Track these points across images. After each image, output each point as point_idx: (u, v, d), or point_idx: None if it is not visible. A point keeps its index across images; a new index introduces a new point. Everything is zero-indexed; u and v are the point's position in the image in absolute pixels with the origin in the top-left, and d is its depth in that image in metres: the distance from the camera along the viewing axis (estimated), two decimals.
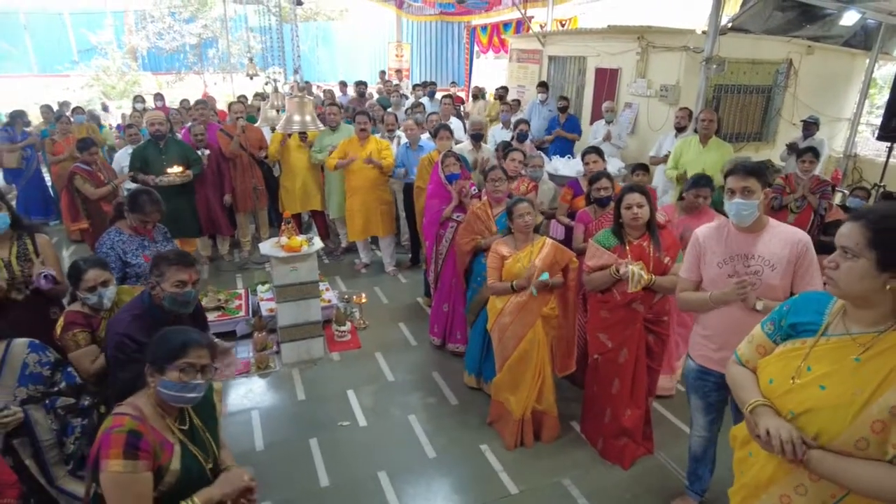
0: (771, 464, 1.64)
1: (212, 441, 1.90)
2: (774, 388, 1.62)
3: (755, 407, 1.62)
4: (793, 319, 1.68)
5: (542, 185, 4.85)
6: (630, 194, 3.03)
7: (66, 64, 17.42)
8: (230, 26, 16.45)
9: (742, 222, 2.40)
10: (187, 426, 1.84)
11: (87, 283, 2.54)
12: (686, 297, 2.63)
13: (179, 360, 1.73)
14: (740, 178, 2.35)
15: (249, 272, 6.09)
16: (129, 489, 1.61)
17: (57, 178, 7.01)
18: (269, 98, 5.09)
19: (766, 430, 1.53)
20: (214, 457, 1.91)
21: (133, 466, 1.61)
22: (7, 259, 2.85)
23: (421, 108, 7.46)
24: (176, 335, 1.81)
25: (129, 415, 1.69)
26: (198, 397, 1.79)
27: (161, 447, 1.71)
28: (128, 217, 3.32)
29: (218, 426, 1.97)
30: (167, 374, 1.72)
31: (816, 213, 4.64)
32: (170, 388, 1.73)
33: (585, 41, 8.70)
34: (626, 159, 7.03)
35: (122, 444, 1.60)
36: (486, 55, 15.17)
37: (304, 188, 6.04)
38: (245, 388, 4.10)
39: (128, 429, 1.64)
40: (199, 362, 1.77)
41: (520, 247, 3.35)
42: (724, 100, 7.19)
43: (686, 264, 2.65)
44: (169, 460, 1.72)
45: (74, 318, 2.55)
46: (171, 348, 1.76)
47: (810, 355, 1.57)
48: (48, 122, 8.05)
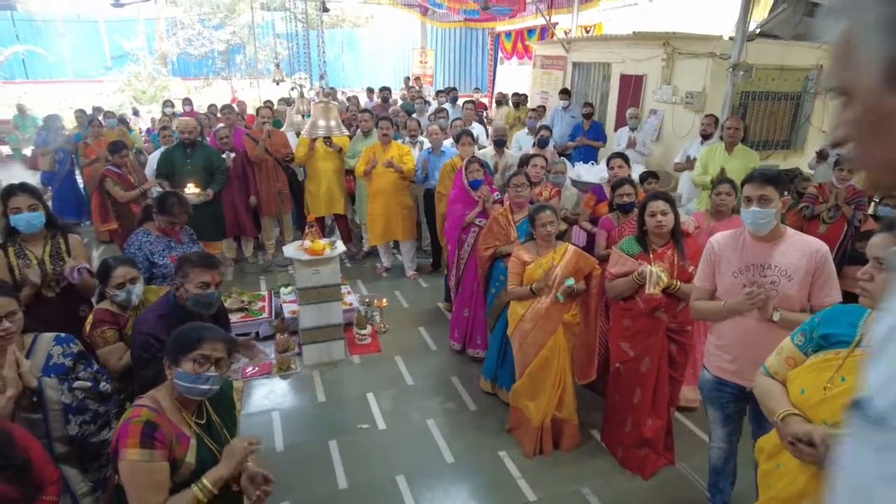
0: (803, 476, 1.60)
1: (228, 437, 1.94)
2: (806, 399, 1.59)
3: (785, 416, 1.59)
4: (825, 330, 1.66)
5: (565, 191, 4.84)
6: (654, 202, 3.00)
7: (100, 70, 17.94)
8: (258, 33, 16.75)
9: (758, 231, 2.36)
10: (204, 420, 1.88)
11: (115, 280, 2.61)
12: (700, 305, 2.60)
13: (194, 352, 1.78)
14: (757, 186, 2.32)
15: (273, 274, 6.17)
16: (145, 477, 1.67)
17: (88, 179, 7.20)
18: (295, 103, 5.17)
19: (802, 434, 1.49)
20: None
21: (150, 455, 1.66)
22: (41, 257, 2.94)
23: (444, 114, 7.50)
24: (192, 329, 1.86)
25: (146, 406, 1.75)
26: (212, 390, 1.83)
27: (177, 439, 1.76)
28: (156, 218, 3.40)
29: (236, 423, 2.01)
30: (182, 365, 1.77)
31: (850, 225, 4.51)
32: (184, 380, 1.78)
33: (610, 47, 8.65)
34: (650, 166, 6.96)
35: (138, 434, 1.66)
36: (510, 61, 15.19)
37: (328, 192, 6.11)
38: (266, 389, 4.15)
39: (144, 419, 1.69)
40: (214, 355, 1.81)
41: (542, 253, 3.34)
42: (751, 107, 7.08)
43: (701, 273, 2.61)
44: (184, 453, 1.77)
45: (103, 316, 2.63)
46: (187, 340, 1.81)
47: (844, 366, 1.55)
48: (82, 125, 8.28)
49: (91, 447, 2.15)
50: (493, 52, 15.51)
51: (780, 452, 1.64)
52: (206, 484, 1.76)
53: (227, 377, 1.97)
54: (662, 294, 2.96)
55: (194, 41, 18.15)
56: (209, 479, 1.78)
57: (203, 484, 1.76)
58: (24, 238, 2.95)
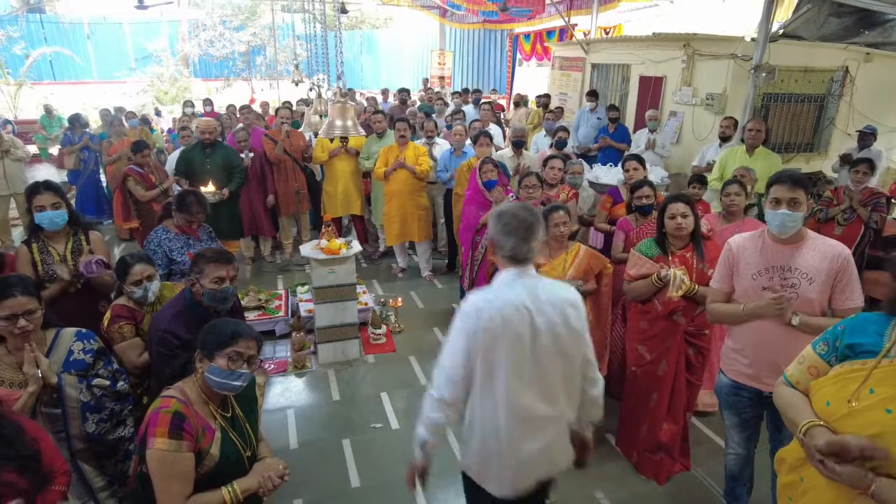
0: (830, 491, 1.53)
1: (251, 431, 1.97)
2: (833, 411, 1.53)
3: (810, 428, 1.53)
4: (850, 340, 1.60)
5: (582, 193, 4.81)
6: (674, 204, 2.96)
7: (124, 71, 18.30)
8: (278, 34, 16.93)
9: (784, 233, 2.31)
10: (230, 414, 1.92)
11: (133, 277, 2.65)
12: (717, 308, 2.55)
13: (228, 349, 1.81)
14: (788, 188, 2.26)
15: (290, 273, 6.22)
16: (172, 466, 1.71)
17: (111, 178, 7.33)
18: (313, 104, 5.20)
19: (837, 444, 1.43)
20: (253, 447, 1.97)
21: (177, 446, 1.70)
22: (63, 254, 3.01)
23: (461, 116, 7.50)
24: (228, 325, 1.90)
25: (175, 397, 1.78)
26: (241, 386, 1.86)
27: (203, 431, 1.79)
28: (175, 216, 3.45)
29: (258, 418, 2.05)
30: (216, 360, 1.81)
31: (867, 227, 4.44)
32: (217, 375, 1.81)
33: (630, 49, 8.58)
34: (670, 168, 6.90)
35: (167, 424, 1.70)
36: (529, 63, 15.15)
37: (345, 193, 6.15)
38: (282, 387, 4.18)
39: (174, 410, 1.73)
40: (247, 353, 1.85)
41: (553, 254, 3.31)
42: (773, 109, 6.97)
43: (718, 275, 2.57)
44: (209, 445, 1.80)
45: (120, 312, 2.67)
46: (222, 336, 1.84)
47: (871, 377, 1.48)
48: (106, 125, 8.44)
49: (107, 444, 2.19)
50: (512, 53, 15.49)
51: (804, 465, 1.58)
52: (237, 489, 1.81)
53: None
54: (681, 297, 2.93)
55: (216, 42, 18.42)
56: (240, 487, 1.82)
57: (234, 488, 1.81)
58: (48, 235, 3.01)
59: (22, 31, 17.01)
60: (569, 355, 1.94)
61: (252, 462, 1.95)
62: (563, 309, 1.92)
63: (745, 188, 3.65)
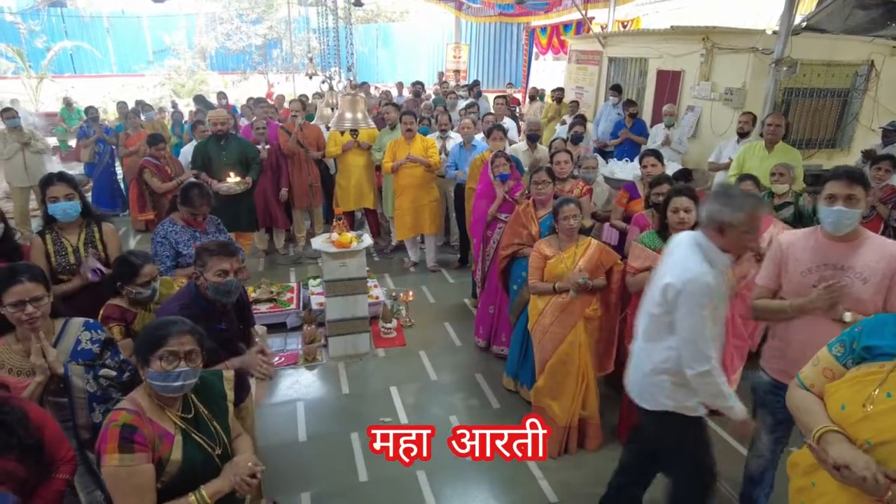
0: (843, 497, 1.49)
1: (219, 429, 1.89)
2: (848, 415, 1.49)
3: (824, 433, 1.49)
4: (867, 342, 1.55)
5: (596, 188, 4.74)
6: (678, 198, 2.93)
7: (142, 64, 18.47)
8: (294, 27, 16.96)
9: (839, 231, 2.24)
10: (191, 415, 1.84)
11: (143, 278, 2.59)
12: (761, 304, 2.48)
13: (160, 350, 1.72)
14: (846, 184, 2.19)
15: (302, 266, 6.24)
16: (127, 481, 1.64)
17: (128, 170, 7.41)
18: (325, 96, 5.19)
19: (842, 461, 1.40)
20: (224, 444, 1.89)
21: (129, 459, 1.63)
22: (75, 245, 3.03)
23: (475, 109, 7.46)
24: (157, 326, 1.80)
25: (125, 409, 1.71)
26: (187, 385, 1.78)
27: (160, 439, 1.72)
28: (179, 209, 3.46)
29: (228, 413, 1.96)
30: (151, 364, 1.72)
31: (888, 225, 4.34)
32: (156, 379, 1.73)
33: (647, 42, 8.45)
34: (687, 164, 6.79)
35: (116, 439, 1.63)
36: (545, 56, 15.01)
37: (358, 186, 6.14)
38: (292, 380, 4.19)
39: (122, 423, 1.66)
40: (182, 349, 1.75)
41: (564, 247, 3.29)
42: (794, 104, 6.82)
43: (765, 271, 2.50)
44: (169, 451, 1.73)
45: (111, 312, 2.61)
46: (151, 339, 1.75)
47: (888, 381, 1.44)
48: (124, 118, 8.53)
49: None
50: (528, 46, 15.36)
51: (818, 470, 1.53)
52: (204, 495, 1.73)
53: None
54: None
55: (232, 36, 18.53)
56: (208, 491, 1.74)
57: (201, 494, 1.73)
58: (61, 226, 3.03)
59: (43, 25, 17.25)
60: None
61: (224, 460, 1.87)
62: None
63: (759, 185, 3.57)
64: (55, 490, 1.75)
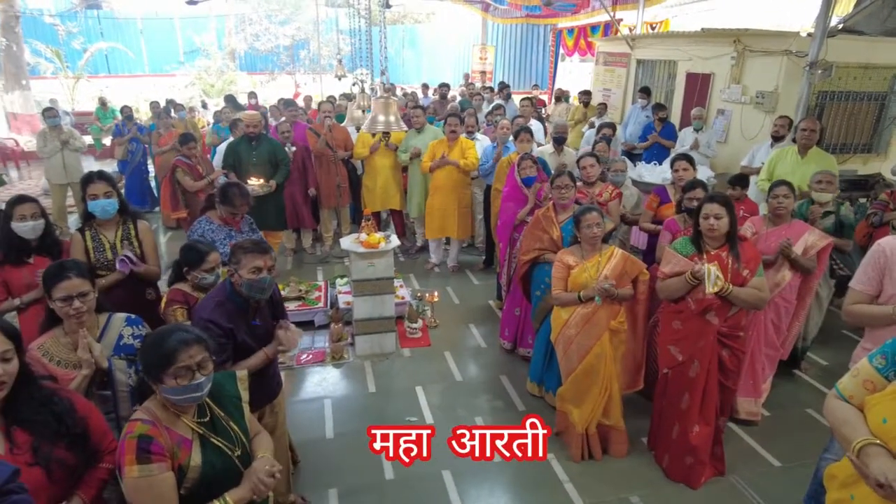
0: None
1: (237, 429, 1.88)
2: (889, 429, 1.47)
3: (864, 446, 1.47)
4: None
5: (625, 191, 4.71)
6: (709, 204, 2.90)
7: (173, 64, 18.86)
8: (322, 29, 17.14)
9: None
10: (207, 418, 1.84)
11: (209, 264, 2.79)
12: (860, 310, 2.46)
13: (171, 368, 1.68)
14: None
15: (330, 266, 6.31)
16: (148, 492, 1.64)
17: (160, 168, 7.58)
18: (356, 98, 5.25)
19: (883, 475, 1.38)
20: (243, 444, 1.88)
21: (148, 470, 1.62)
22: (112, 241, 3.13)
23: (501, 111, 7.46)
24: (159, 342, 1.74)
25: (140, 420, 1.70)
26: (204, 393, 1.77)
27: (178, 446, 1.72)
28: (218, 208, 3.54)
29: (244, 413, 1.94)
30: (165, 381, 1.70)
31: None
32: (173, 394, 1.71)
33: (677, 44, 8.36)
34: (716, 168, 6.71)
35: (134, 450, 1.63)
36: (572, 58, 14.93)
37: (384, 188, 6.20)
38: (319, 377, 4.25)
39: (138, 434, 1.65)
40: (193, 361, 1.71)
41: (587, 256, 3.25)
42: (828, 107, 6.68)
43: (864, 276, 2.47)
44: (188, 457, 1.73)
45: (175, 296, 2.79)
46: (160, 358, 1.70)
47: None
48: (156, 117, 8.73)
49: None
50: (555, 48, 15.30)
51: (857, 483, 1.51)
52: (228, 501, 1.74)
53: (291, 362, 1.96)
54: (715, 296, 2.85)
55: (261, 37, 18.80)
56: (233, 498, 1.75)
57: (225, 500, 1.74)
58: (99, 223, 3.13)
59: (81, 27, 17.72)
60: None
61: (245, 461, 1.87)
62: None
63: (793, 190, 3.51)
64: (99, 479, 1.81)
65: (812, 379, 4.24)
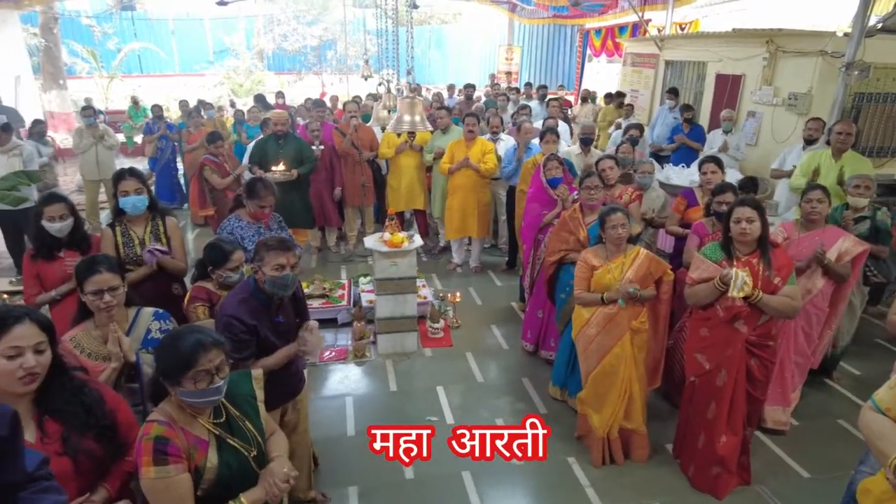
0: None
1: (252, 429, 1.89)
2: None
3: None
4: None
5: (651, 193, 4.64)
6: (741, 208, 2.83)
7: (203, 64, 19.21)
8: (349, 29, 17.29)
9: None
10: (223, 419, 1.85)
11: (234, 263, 2.82)
12: None
13: (190, 371, 1.70)
14: None
15: (354, 264, 6.36)
16: (164, 493, 1.65)
17: (189, 165, 7.72)
18: (382, 98, 5.28)
19: None
20: (259, 444, 1.89)
21: (164, 472, 1.64)
22: (142, 237, 3.20)
23: (527, 111, 7.43)
24: (181, 345, 1.74)
25: (156, 421, 1.72)
26: (221, 396, 1.79)
27: (195, 447, 1.73)
28: (246, 204, 3.59)
29: (259, 413, 1.95)
30: (184, 384, 1.71)
31: None
32: (191, 397, 1.73)
33: (706, 45, 8.21)
34: (745, 171, 6.57)
35: (150, 452, 1.64)
36: (598, 59, 14.80)
37: (409, 188, 6.22)
38: (342, 375, 4.28)
39: (154, 435, 1.67)
40: (212, 365, 1.73)
41: (611, 257, 3.21)
42: (864, 109, 6.49)
43: None
44: (205, 458, 1.74)
45: (198, 293, 2.83)
46: (179, 362, 1.70)
47: None
48: (186, 115, 8.90)
49: None
50: (582, 49, 15.17)
51: (892, 500, 1.47)
52: (244, 502, 1.75)
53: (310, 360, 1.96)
54: (743, 302, 2.78)
55: (289, 37, 19.06)
56: (247, 499, 1.76)
57: (240, 500, 1.75)
58: (129, 219, 3.20)
59: (115, 28, 18.17)
60: None
61: (260, 460, 1.88)
62: None
63: (828, 195, 3.42)
64: (125, 471, 1.84)
65: (844, 389, 4.13)
